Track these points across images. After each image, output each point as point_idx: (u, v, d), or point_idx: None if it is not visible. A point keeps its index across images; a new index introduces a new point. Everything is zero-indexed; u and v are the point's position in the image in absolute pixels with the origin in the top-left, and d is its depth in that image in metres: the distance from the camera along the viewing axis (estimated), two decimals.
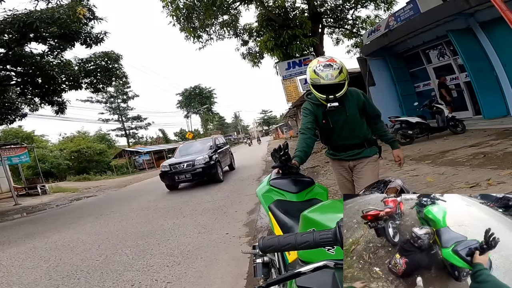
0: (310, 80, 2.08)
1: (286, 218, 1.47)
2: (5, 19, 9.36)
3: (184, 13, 12.23)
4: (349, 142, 2.29)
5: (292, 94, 16.01)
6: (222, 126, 74.10)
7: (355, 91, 2.24)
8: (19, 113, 13.50)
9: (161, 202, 7.97)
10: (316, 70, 2.02)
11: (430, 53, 10.56)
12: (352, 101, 2.19)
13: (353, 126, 2.23)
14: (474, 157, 4.90)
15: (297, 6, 14.34)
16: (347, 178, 2.44)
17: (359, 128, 2.27)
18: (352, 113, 2.18)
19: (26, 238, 6.04)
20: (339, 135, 2.27)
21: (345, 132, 2.25)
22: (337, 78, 1.98)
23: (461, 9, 7.64)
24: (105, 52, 12.85)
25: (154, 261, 3.60)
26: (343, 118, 2.18)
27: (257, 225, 4.38)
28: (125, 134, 42.81)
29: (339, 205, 0.91)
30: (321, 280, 0.80)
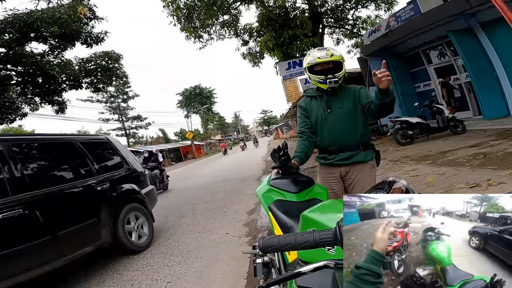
0: (307, 64, 2.03)
1: (286, 218, 1.47)
2: (6, 19, 9.36)
3: (184, 13, 12.24)
4: (342, 141, 2.06)
5: (292, 94, 16.02)
6: (222, 126, 74.11)
7: (354, 87, 2.12)
8: (19, 113, 13.51)
9: (161, 202, 7.96)
10: (311, 53, 2.04)
11: (431, 53, 10.56)
12: (348, 94, 2.07)
13: (347, 122, 2.04)
14: (475, 158, 4.90)
15: (298, 6, 14.36)
16: (336, 192, 2.13)
17: (354, 127, 2.05)
18: (346, 107, 2.04)
19: None
20: (332, 130, 2.06)
21: (338, 128, 2.04)
22: (333, 57, 1.96)
23: (461, 9, 7.64)
24: (105, 52, 12.85)
25: (154, 260, 3.60)
26: (336, 110, 2.05)
27: (257, 225, 4.38)
28: (125, 133, 42.80)
29: (339, 205, 0.90)
30: (321, 280, 0.80)
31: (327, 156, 2.14)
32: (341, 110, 2.04)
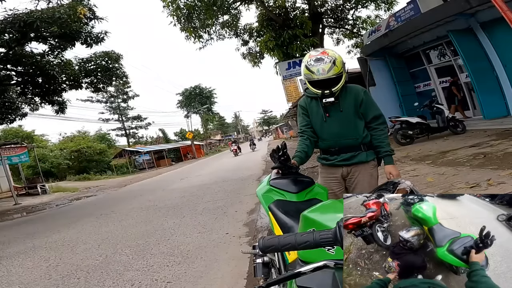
0: (304, 76, 2.00)
1: (286, 218, 1.47)
2: (6, 19, 9.37)
3: (184, 13, 12.25)
4: (342, 142, 2.04)
5: (292, 94, 16.03)
6: (222, 126, 74.13)
7: (355, 87, 2.06)
8: (19, 113, 13.52)
9: (161, 202, 7.97)
10: (308, 65, 1.92)
11: (431, 53, 10.56)
12: (349, 97, 2.02)
13: (347, 125, 2.02)
14: (474, 158, 4.90)
15: (298, 6, 14.38)
16: (336, 193, 2.12)
17: (355, 129, 2.03)
18: (347, 110, 2.01)
19: (26, 237, 6.04)
20: (332, 131, 2.05)
21: (339, 129, 2.03)
22: (330, 72, 1.85)
23: (461, 9, 7.64)
24: (105, 52, 12.86)
25: (154, 260, 3.59)
26: (337, 114, 2.02)
27: (257, 225, 4.38)
28: (125, 133, 42.81)
29: (339, 205, 0.90)
30: (321, 280, 0.80)
31: (328, 157, 2.13)
32: (341, 113, 2.01)
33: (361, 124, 2.04)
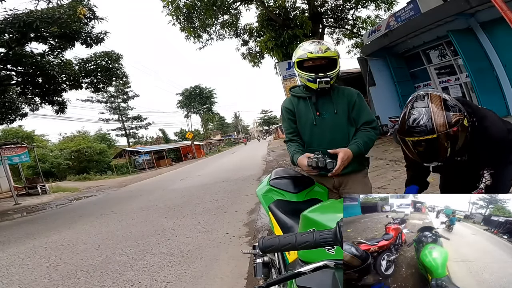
0: (296, 58, 1.79)
1: (286, 218, 1.47)
2: (6, 19, 9.36)
3: (184, 13, 12.23)
4: (334, 148, 1.79)
5: None
6: (222, 126, 74.12)
7: (348, 89, 1.90)
8: (19, 113, 13.52)
9: (161, 202, 7.97)
10: (302, 46, 1.80)
11: (431, 53, 10.56)
12: (342, 99, 1.84)
13: (340, 130, 1.83)
14: None
15: (298, 6, 14.35)
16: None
17: (346, 134, 1.84)
18: (341, 112, 1.82)
19: (26, 237, 6.04)
20: (322, 137, 1.83)
21: (330, 135, 1.82)
22: (327, 53, 1.72)
23: (461, 9, 7.64)
24: (105, 52, 12.87)
25: (154, 260, 3.59)
26: (330, 115, 1.82)
27: (257, 225, 4.38)
28: (125, 134, 42.80)
29: (339, 205, 0.90)
30: (321, 280, 0.80)
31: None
32: (333, 115, 1.82)
33: (352, 131, 1.85)
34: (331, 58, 1.75)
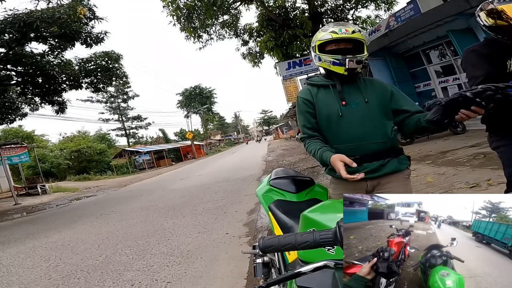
0: (318, 41, 1.53)
1: (286, 218, 1.47)
2: (6, 19, 9.37)
3: (184, 13, 12.24)
4: (366, 146, 1.48)
5: (292, 94, 16.01)
6: (222, 126, 74.13)
7: (378, 80, 1.64)
8: (19, 113, 13.53)
9: (161, 202, 7.97)
10: (324, 29, 1.55)
11: (431, 53, 10.57)
12: (372, 89, 1.55)
13: (372, 122, 1.50)
14: (475, 158, 4.90)
15: (298, 6, 14.36)
16: None
17: (382, 128, 1.51)
18: (373, 102, 1.51)
19: (26, 237, 6.04)
20: (352, 132, 1.49)
21: (362, 127, 1.49)
22: (354, 34, 1.46)
23: (461, 9, 7.64)
24: (105, 52, 12.88)
25: (154, 261, 3.59)
26: (359, 105, 1.51)
27: (257, 225, 4.38)
28: (125, 134, 42.82)
29: (339, 205, 0.90)
30: (321, 280, 0.80)
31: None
32: (363, 104, 1.51)
33: (389, 124, 1.54)
34: (358, 41, 1.49)
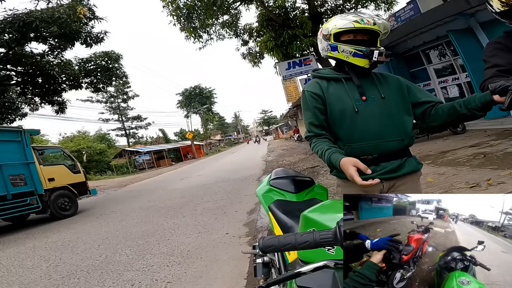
0: (336, 29, 1.36)
1: (286, 218, 1.47)
2: (5, 19, 9.37)
3: (184, 13, 12.24)
4: (384, 145, 1.36)
5: (292, 94, 16.03)
6: (222, 126, 74.12)
7: (393, 75, 1.50)
8: (19, 113, 13.54)
9: (161, 202, 7.97)
10: (343, 16, 1.39)
11: (431, 53, 10.57)
12: (386, 82, 1.43)
13: (391, 119, 1.37)
14: (474, 157, 4.90)
15: (298, 6, 14.35)
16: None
17: (401, 125, 1.39)
18: (390, 97, 1.39)
19: (26, 237, 6.04)
20: (369, 129, 1.36)
21: (379, 125, 1.36)
22: (376, 26, 1.33)
23: (461, 9, 7.65)
24: (105, 52, 12.88)
25: (154, 261, 3.59)
26: (375, 101, 1.38)
27: (257, 225, 4.38)
28: (125, 134, 42.80)
29: (339, 205, 0.90)
30: (321, 280, 0.80)
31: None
32: (379, 99, 1.38)
33: (409, 121, 1.41)
34: (375, 33, 1.37)
